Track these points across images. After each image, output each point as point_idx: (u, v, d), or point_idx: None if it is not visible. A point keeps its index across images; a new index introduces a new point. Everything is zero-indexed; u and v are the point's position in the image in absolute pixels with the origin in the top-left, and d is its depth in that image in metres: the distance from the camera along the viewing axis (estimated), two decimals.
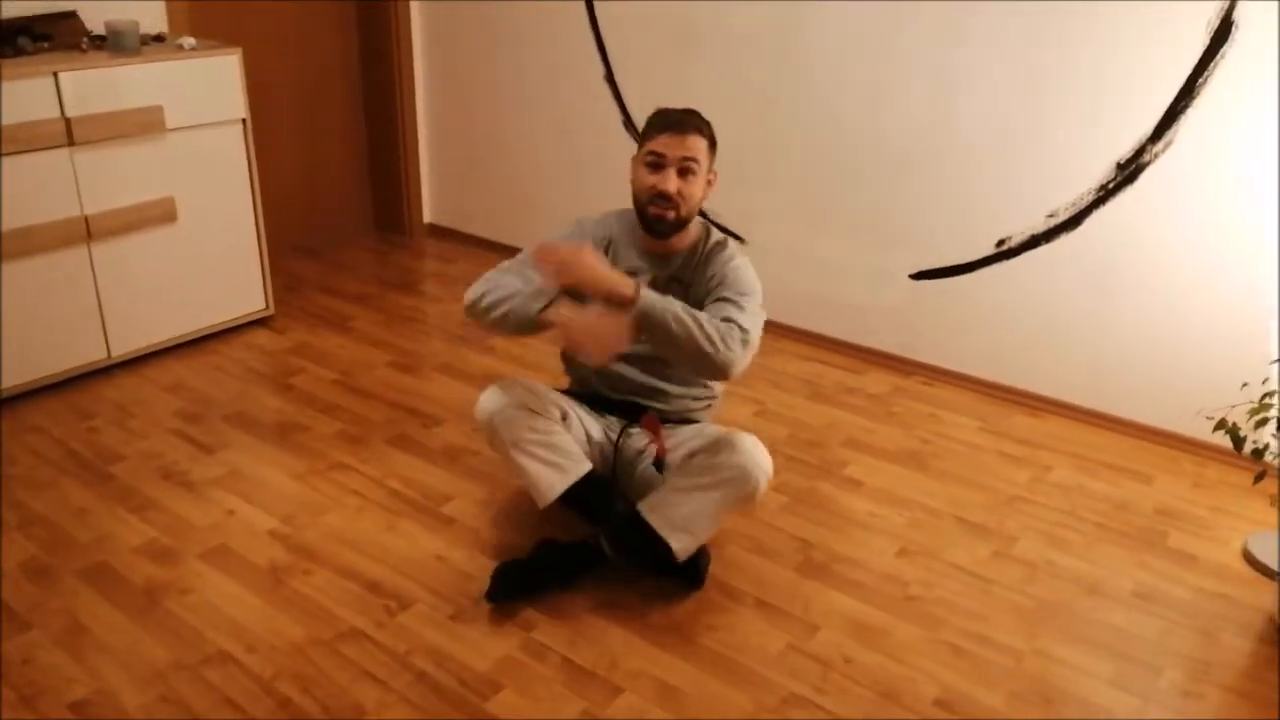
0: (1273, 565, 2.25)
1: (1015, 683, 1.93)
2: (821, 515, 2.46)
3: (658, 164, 2.05)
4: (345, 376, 3.09)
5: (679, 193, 2.05)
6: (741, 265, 2.12)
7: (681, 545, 2.06)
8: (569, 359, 2.34)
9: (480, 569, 2.18)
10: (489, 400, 2.12)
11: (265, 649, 1.95)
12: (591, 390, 2.30)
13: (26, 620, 2.01)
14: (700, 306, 2.08)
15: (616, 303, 1.90)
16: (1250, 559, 2.33)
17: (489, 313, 2.06)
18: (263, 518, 2.37)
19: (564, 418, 2.17)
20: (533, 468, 2.11)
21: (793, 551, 2.31)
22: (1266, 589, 2.23)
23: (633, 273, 2.14)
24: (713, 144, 2.12)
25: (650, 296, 1.91)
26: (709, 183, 2.13)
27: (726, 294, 2.05)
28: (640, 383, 2.24)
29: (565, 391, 2.32)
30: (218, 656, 1.93)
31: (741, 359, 1.94)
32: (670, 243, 2.15)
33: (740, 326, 1.96)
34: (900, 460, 2.72)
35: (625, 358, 2.19)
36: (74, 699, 1.81)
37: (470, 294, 2.11)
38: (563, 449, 2.12)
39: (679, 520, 2.05)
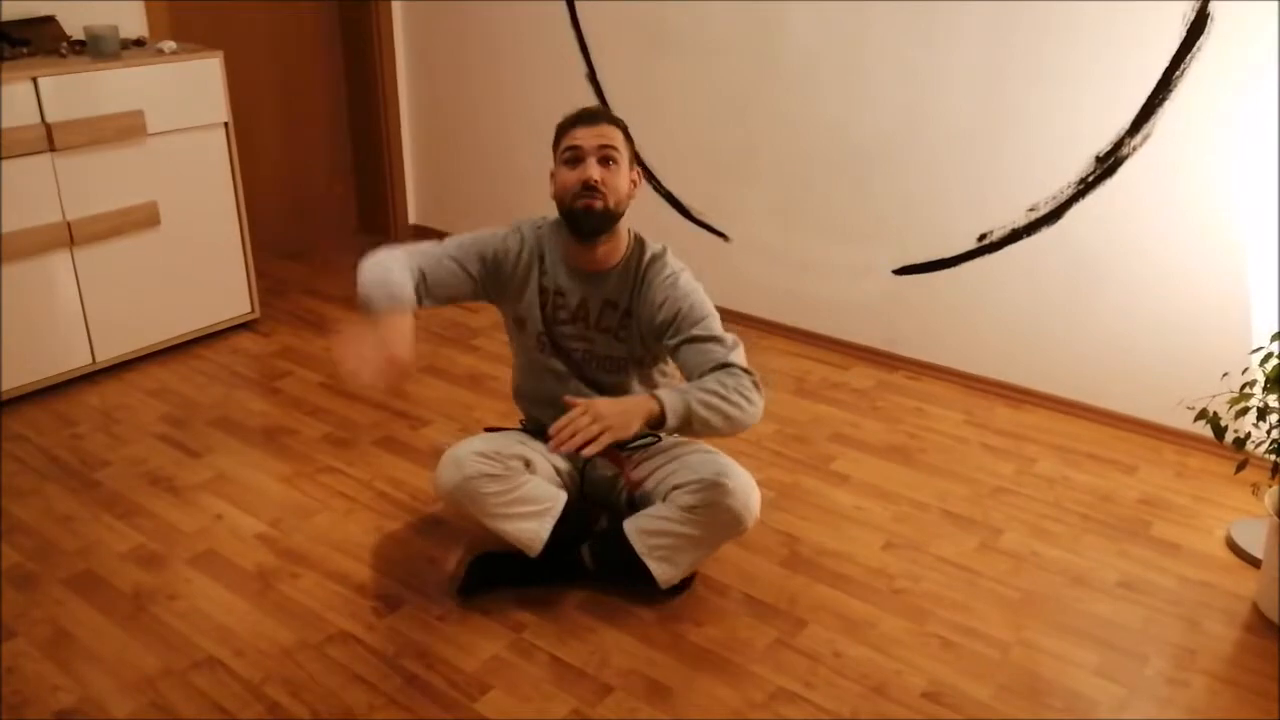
0: (1256, 553, 2.27)
1: (1002, 674, 1.95)
2: (808, 510, 2.47)
3: (576, 157, 1.97)
4: (331, 379, 3.09)
5: (603, 181, 1.95)
6: (688, 285, 2.03)
7: (664, 575, 2.05)
8: (518, 393, 2.27)
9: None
10: (446, 476, 2.00)
11: (254, 653, 1.95)
12: (543, 425, 2.15)
13: (11, 628, 2.00)
14: (654, 334, 2.03)
15: (651, 426, 1.85)
16: (1234, 547, 2.35)
17: (359, 289, 1.95)
18: (250, 522, 2.37)
19: (528, 464, 2.07)
20: (511, 527, 2.03)
21: (779, 546, 2.32)
22: (1250, 576, 2.25)
23: (560, 292, 2.08)
24: (628, 137, 2.03)
25: (672, 403, 1.84)
26: (633, 182, 2.03)
27: (696, 332, 1.97)
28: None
29: (522, 428, 2.25)
30: (206, 662, 1.92)
31: (762, 402, 1.92)
32: (600, 256, 2.04)
33: (741, 369, 1.92)
34: (886, 454, 2.74)
35: (565, 376, 2.13)
36: (60, 707, 1.81)
37: (364, 264, 1.99)
38: (534, 497, 2.04)
39: (664, 551, 2.03)
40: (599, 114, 2.01)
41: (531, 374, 2.21)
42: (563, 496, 2.09)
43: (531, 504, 2.04)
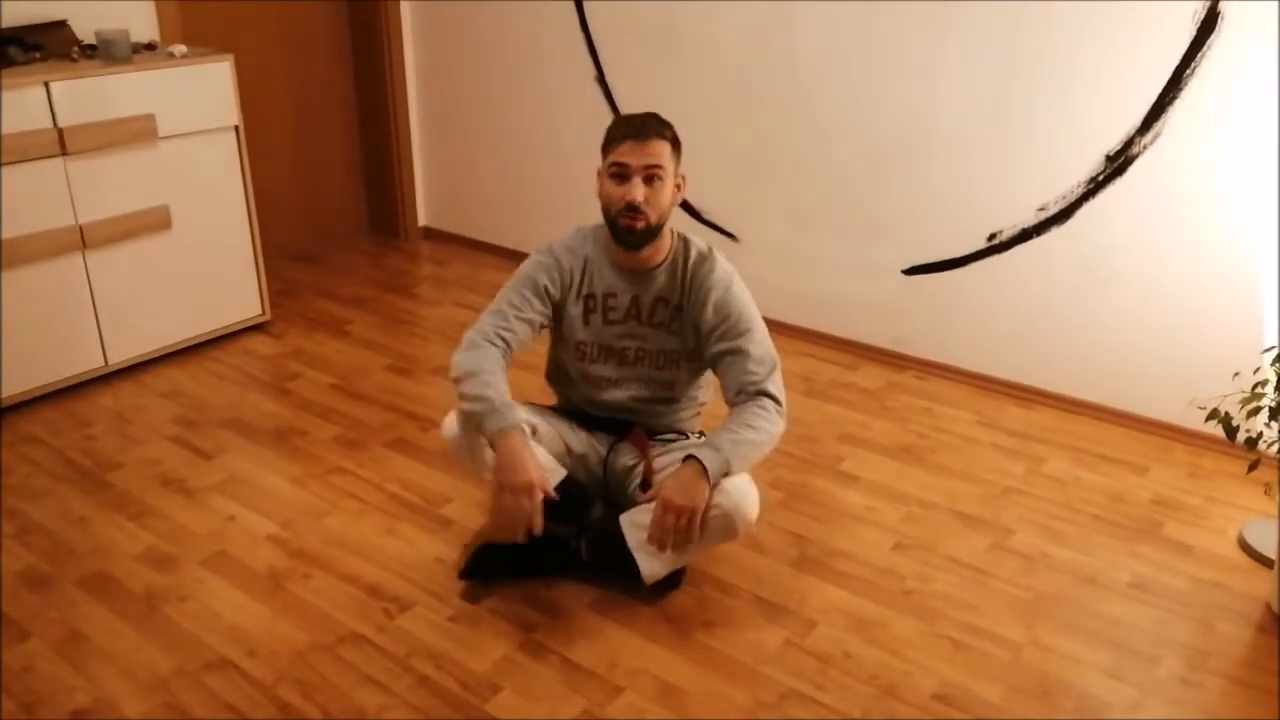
0: (1269, 553, 2.26)
1: (1014, 675, 1.94)
2: (818, 510, 2.47)
3: (622, 174, 1.99)
4: (343, 381, 3.10)
5: (646, 201, 1.98)
6: (738, 292, 2.10)
7: (650, 570, 2.06)
8: (551, 377, 2.31)
9: None
10: (448, 428, 2.08)
11: (266, 654, 1.96)
12: (578, 409, 2.28)
13: (26, 629, 2.01)
14: (700, 334, 2.09)
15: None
16: (1246, 547, 2.34)
17: (461, 400, 2.02)
18: (262, 523, 2.38)
19: (534, 432, 2.09)
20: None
21: (789, 547, 2.32)
22: (1263, 577, 2.24)
23: (611, 294, 2.12)
24: (676, 145, 2.04)
25: (714, 465, 1.94)
26: (678, 187, 2.07)
27: (740, 344, 2.06)
28: (627, 405, 2.21)
29: (552, 408, 2.30)
30: (218, 663, 1.93)
31: (784, 425, 2.07)
32: (645, 256, 2.09)
33: (772, 397, 2.04)
34: (895, 454, 2.73)
35: (617, 381, 2.17)
36: (75, 707, 1.82)
37: (455, 365, 2.04)
38: None
39: (654, 546, 2.03)
40: (648, 128, 1.99)
41: (567, 376, 2.26)
42: (560, 473, 2.10)
43: None
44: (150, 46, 3.13)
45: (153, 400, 2.96)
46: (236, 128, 3.17)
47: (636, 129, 1.99)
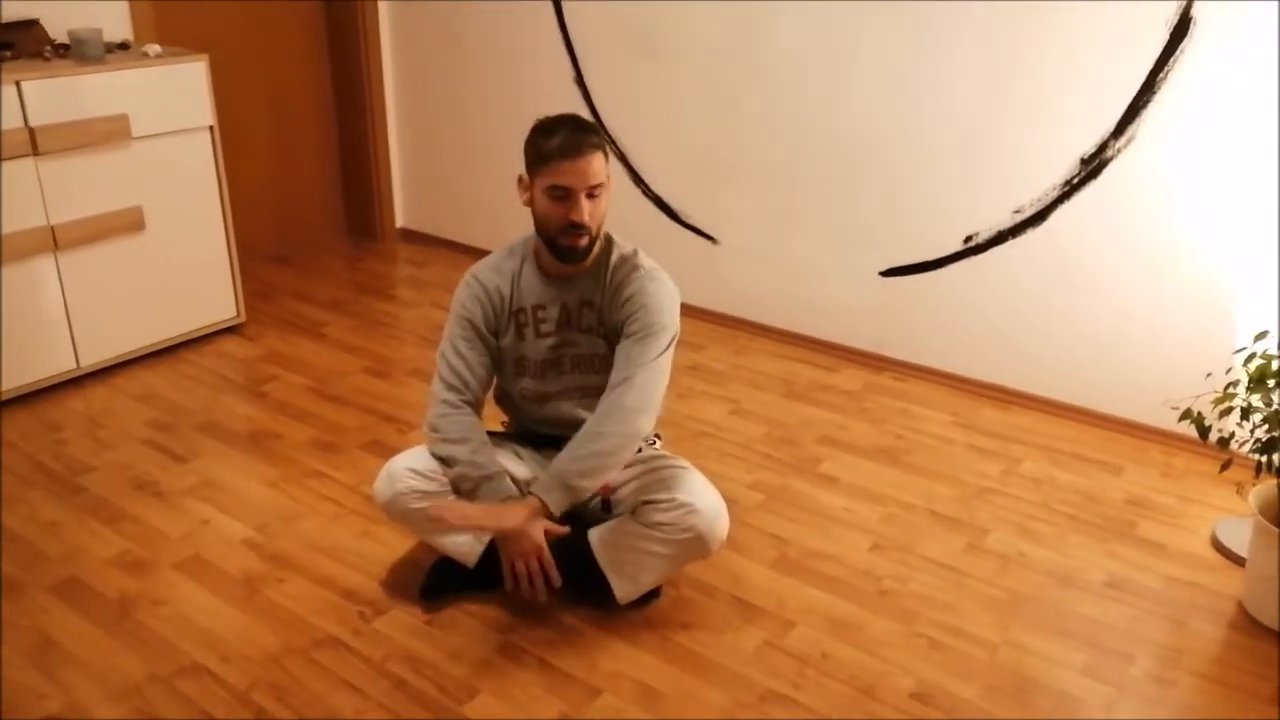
0: (1241, 552, 2.29)
1: (990, 675, 1.95)
2: (796, 512, 2.47)
3: (564, 196, 1.92)
4: (319, 383, 3.08)
5: (590, 215, 1.93)
6: (658, 289, 2.02)
7: (624, 592, 2.04)
8: (500, 400, 2.24)
9: None
10: (379, 490, 2.04)
11: (240, 659, 1.94)
12: (528, 429, 2.22)
13: None
14: (614, 332, 2.04)
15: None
16: (1219, 546, 2.36)
17: (437, 458, 2.02)
18: (236, 527, 2.36)
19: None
20: (446, 541, 2.05)
21: (768, 549, 2.32)
22: (1235, 575, 2.26)
23: (541, 305, 2.06)
24: (605, 150, 1.96)
25: (555, 499, 1.91)
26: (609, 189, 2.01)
27: (636, 329, 1.99)
28: (577, 418, 2.08)
29: (501, 433, 2.24)
30: (192, 668, 1.91)
31: (647, 422, 1.97)
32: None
33: (637, 382, 1.95)
34: (874, 456, 2.74)
35: (557, 394, 2.12)
36: (46, 715, 1.79)
37: (428, 418, 2.05)
38: None
39: (627, 567, 2.02)
40: (583, 144, 1.90)
41: (512, 398, 2.20)
42: (479, 547, 2.06)
43: None
44: (124, 46, 3.10)
45: (126, 403, 2.93)
46: (211, 128, 3.14)
47: (571, 147, 1.89)
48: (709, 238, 3.49)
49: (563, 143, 1.90)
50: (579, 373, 2.12)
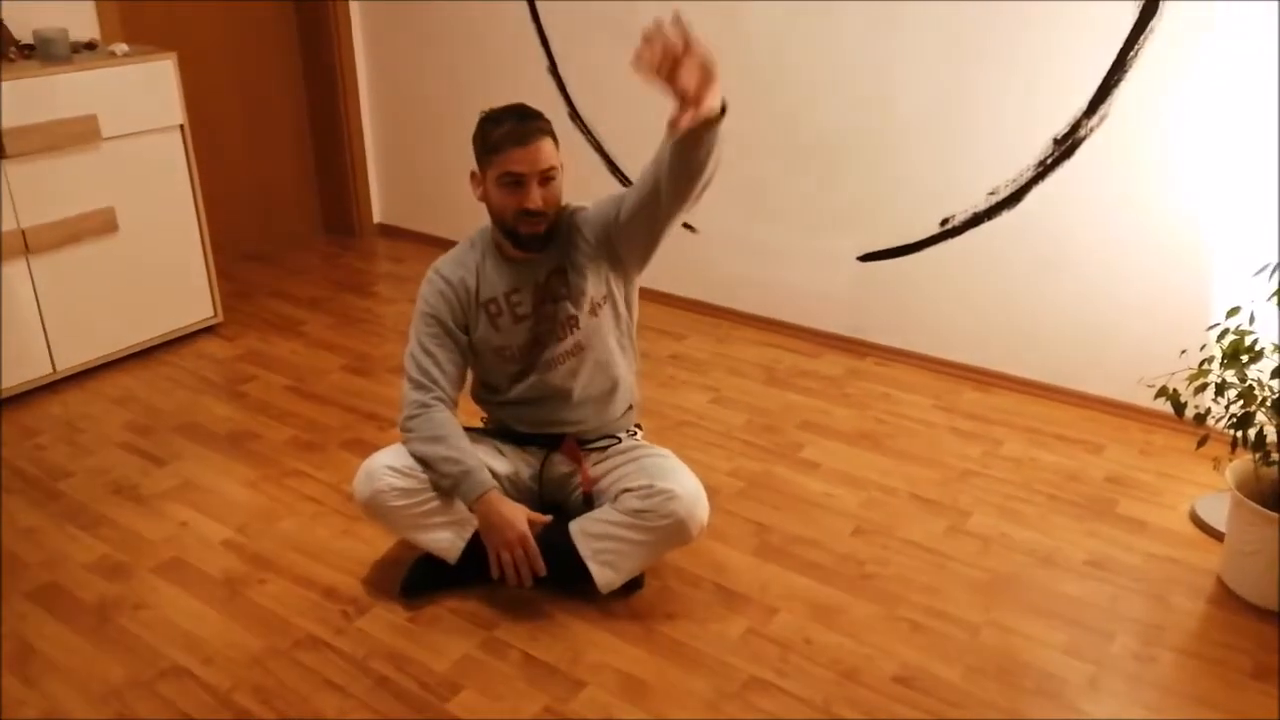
0: (1219, 527, 2.30)
1: (972, 656, 1.96)
2: (778, 498, 2.48)
3: (517, 183, 1.92)
4: (298, 382, 3.06)
5: (545, 201, 1.94)
6: (590, 207, 2.06)
7: (605, 580, 2.03)
8: (478, 397, 2.23)
9: None
10: (358, 488, 2.02)
11: (222, 661, 1.93)
12: (506, 426, 2.20)
13: None
14: (584, 276, 2.03)
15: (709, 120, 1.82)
16: (1198, 521, 2.38)
17: (426, 469, 2.02)
18: (216, 528, 2.35)
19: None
20: (426, 537, 2.04)
21: (750, 535, 2.33)
22: (1214, 550, 2.28)
23: (514, 290, 2.05)
24: (554, 135, 1.97)
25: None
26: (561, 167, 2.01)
27: (615, 203, 2.01)
28: (565, 388, 2.10)
29: (480, 429, 2.23)
30: (173, 671, 1.90)
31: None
32: None
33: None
34: (855, 441, 2.75)
35: (542, 366, 2.09)
36: None
37: (400, 420, 2.05)
38: (451, 506, 2.04)
39: (607, 556, 2.02)
40: (532, 130, 1.91)
41: (495, 391, 2.18)
42: (460, 543, 2.06)
43: (448, 514, 2.04)
44: (90, 46, 3.07)
45: (103, 406, 2.91)
46: (182, 127, 3.12)
47: (521, 135, 1.89)
48: (688, 227, 3.48)
49: (510, 130, 1.90)
50: (557, 340, 2.08)
